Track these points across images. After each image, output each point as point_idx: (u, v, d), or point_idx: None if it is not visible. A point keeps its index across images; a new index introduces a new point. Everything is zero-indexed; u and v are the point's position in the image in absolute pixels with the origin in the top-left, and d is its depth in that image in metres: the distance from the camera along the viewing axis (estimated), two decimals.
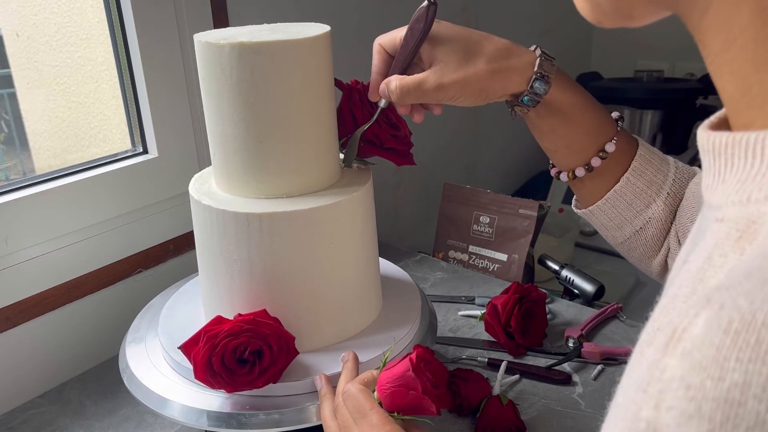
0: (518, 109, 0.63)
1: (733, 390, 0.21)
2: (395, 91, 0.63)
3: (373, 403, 0.57)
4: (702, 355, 0.22)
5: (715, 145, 0.30)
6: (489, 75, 0.60)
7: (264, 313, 0.65)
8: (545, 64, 0.60)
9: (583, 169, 0.65)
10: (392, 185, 1.46)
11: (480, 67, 0.60)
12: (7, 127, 0.93)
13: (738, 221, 0.27)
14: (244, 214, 0.64)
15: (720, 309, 0.23)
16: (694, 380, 0.22)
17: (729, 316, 0.22)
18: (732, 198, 0.28)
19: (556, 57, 0.63)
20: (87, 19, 0.94)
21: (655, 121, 1.65)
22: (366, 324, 0.73)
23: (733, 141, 0.29)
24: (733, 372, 0.21)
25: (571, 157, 0.65)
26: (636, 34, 1.95)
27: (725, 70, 0.29)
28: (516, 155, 1.91)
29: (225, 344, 0.61)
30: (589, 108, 0.64)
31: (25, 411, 0.85)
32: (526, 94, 0.61)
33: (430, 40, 0.62)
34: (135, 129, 0.98)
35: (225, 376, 0.61)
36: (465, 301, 1.05)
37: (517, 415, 0.77)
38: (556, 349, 0.93)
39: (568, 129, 0.64)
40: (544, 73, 0.60)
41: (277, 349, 0.62)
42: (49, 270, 0.88)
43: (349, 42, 1.26)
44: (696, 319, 0.24)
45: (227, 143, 0.66)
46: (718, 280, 0.26)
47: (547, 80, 0.60)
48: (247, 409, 0.63)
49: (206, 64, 0.64)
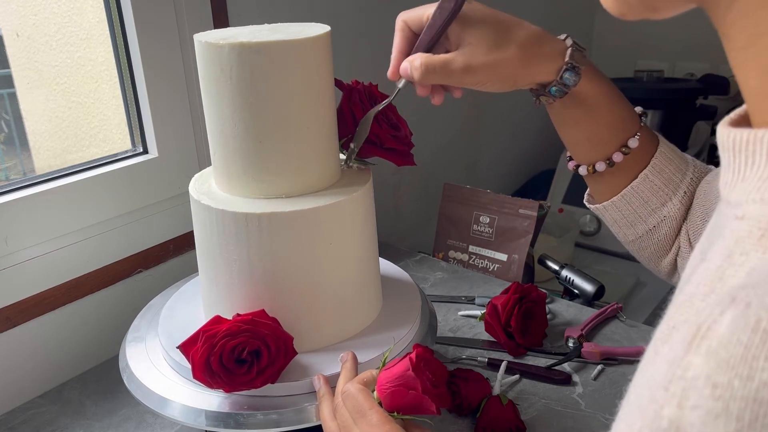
0: (544, 99, 0.61)
1: (762, 389, 0.21)
2: (419, 68, 0.59)
3: (372, 402, 0.57)
4: (729, 353, 0.22)
5: (735, 142, 0.29)
6: (519, 62, 0.58)
7: (262, 313, 0.65)
8: (576, 54, 0.58)
9: (604, 163, 0.63)
10: (392, 185, 1.46)
11: (511, 53, 0.57)
12: (7, 127, 0.93)
13: (760, 219, 0.27)
14: (243, 214, 0.64)
15: (746, 308, 0.23)
16: (721, 379, 0.22)
17: (757, 315, 0.22)
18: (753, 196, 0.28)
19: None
20: (87, 19, 0.94)
21: (655, 121, 1.65)
22: (366, 324, 0.73)
23: (754, 138, 0.28)
24: (762, 371, 0.21)
25: (593, 151, 0.64)
26: (636, 34, 1.95)
27: (750, 65, 0.29)
28: (516, 155, 1.90)
29: (223, 344, 0.61)
30: (615, 101, 0.62)
31: (25, 411, 0.85)
32: (554, 84, 0.59)
33: (459, 20, 0.58)
34: (135, 129, 0.98)
35: (223, 376, 0.61)
36: (465, 301, 1.05)
37: (517, 415, 0.77)
38: (556, 349, 0.93)
39: (592, 122, 0.62)
40: (575, 63, 0.58)
41: (275, 350, 0.62)
42: (49, 270, 0.88)
43: (349, 42, 1.26)
44: (721, 318, 0.23)
45: (227, 143, 0.66)
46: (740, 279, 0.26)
47: (577, 71, 0.58)
48: (245, 409, 0.63)
49: (206, 64, 0.64)
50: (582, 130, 0.63)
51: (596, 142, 0.63)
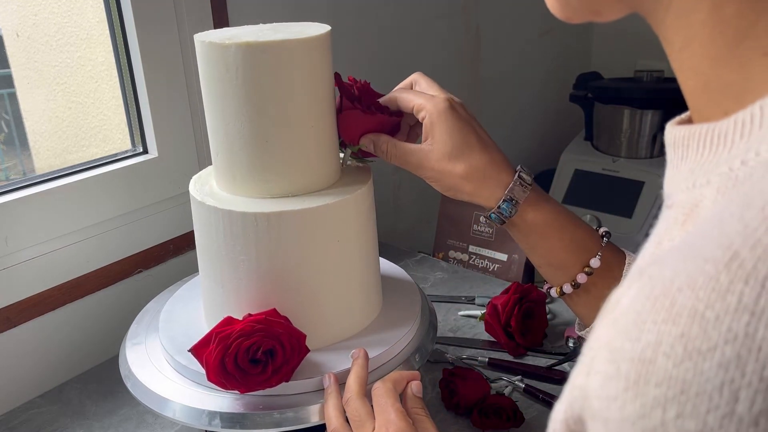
0: (487, 220, 0.66)
1: (646, 349, 0.22)
2: (383, 152, 0.68)
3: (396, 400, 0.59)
4: (626, 321, 0.24)
5: (675, 138, 0.31)
6: (463, 180, 0.64)
7: (274, 312, 0.65)
8: (517, 189, 0.63)
9: (570, 285, 0.65)
10: (392, 185, 1.46)
11: (458, 170, 0.63)
12: (7, 127, 0.93)
13: (684, 205, 0.28)
14: (252, 214, 0.64)
15: (649, 280, 0.24)
16: (616, 344, 0.23)
17: (652, 285, 0.23)
18: (681, 185, 0.30)
19: (555, 57, 0.64)
20: (87, 19, 0.94)
21: (655, 121, 1.65)
22: (367, 323, 0.73)
23: (689, 133, 0.30)
24: (648, 333, 0.22)
25: (557, 274, 0.65)
26: (636, 34, 1.95)
27: (686, 66, 0.30)
28: (516, 155, 1.90)
29: (238, 345, 0.60)
30: (566, 226, 0.64)
31: (25, 411, 0.85)
32: (493, 212, 0.64)
33: (438, 114, 0.63)
34: (135, 129, 0.98)
35: (238, 377, 0.61)
36: (465, 301, 1.05)
37: (515, 405, 0.77)
38: (556, 349, 0.93)
39: (547, 246, 0.65)
40: (513, 197, 0.63)
41: (290, 348, 0.62)
42: (49, 270, 0.88)
43: (348, 42, 1.26)
44: (628, 291, 0.25)
45: (231, 143, 0.66)
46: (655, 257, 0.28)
47: (515, 204, 0.63)
48: (255, 408, 0.63)
49: (210, 65, 0.64)
50: (540, 255, 0.66)
51: (557, 266, 0.65)
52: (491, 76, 1.68)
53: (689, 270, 0.22)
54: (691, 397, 0.21)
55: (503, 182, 0.63)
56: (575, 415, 0.26)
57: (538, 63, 1.85)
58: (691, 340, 0.21)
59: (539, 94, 1.91)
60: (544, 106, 1.94)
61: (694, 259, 0.22)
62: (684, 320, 0.21)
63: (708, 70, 0.29)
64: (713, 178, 0.27)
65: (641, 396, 0.22)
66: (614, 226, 1.61)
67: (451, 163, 0.63)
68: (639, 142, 1.67)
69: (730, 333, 0.20)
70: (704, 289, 0.21)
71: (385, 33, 1.35)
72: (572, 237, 0.64)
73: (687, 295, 0.22)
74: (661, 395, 0.21)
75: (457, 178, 0.64)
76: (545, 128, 1.97)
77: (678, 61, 0.31)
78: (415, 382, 0.62)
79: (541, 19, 1.78)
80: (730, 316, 0.20)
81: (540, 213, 0.64)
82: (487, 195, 0.64)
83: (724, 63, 0.28)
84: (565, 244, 0.64)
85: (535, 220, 0.64)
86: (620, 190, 1.64)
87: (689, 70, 0.30)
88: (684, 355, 0.21)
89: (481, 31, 1.60)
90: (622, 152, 1.69)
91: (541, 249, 0.65)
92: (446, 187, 0.65)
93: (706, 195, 0.27)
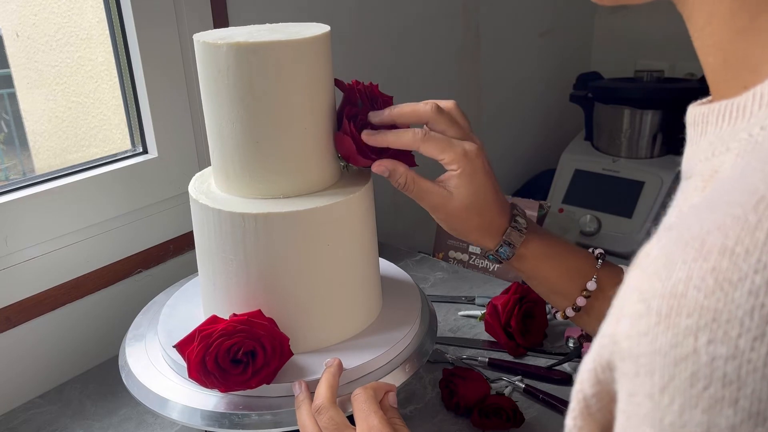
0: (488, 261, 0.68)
1: (677, 285, 0.23)
2: (401, 185, 0.70)
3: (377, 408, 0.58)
4: (655, 266, 0.24)
5: (695, 116, 0.32)
6: (472, 230, 0.67)
7: (258, 313, 0.65)
8: (514, 234, 0.66)
9: (571, 309, 0.67)
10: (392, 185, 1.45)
11: (472, 223, 0.66)
12: (7, 127, 0.93)
13: (703, 173, 0.29)
14: (240, 214, 0.64)
15: (677, 231, 0.25)
16: (645, 285, 0.24)
17: (680, 233, 0.24)
18: (700, 157, 0.30)
19: (555, 57, 0.64)
20: (87, 19, 0.94)
21: (655, 121, 1.65)
22: (365, 325, 0.73)
23: (709, 110, 0.31)
24: (679, 271, 0.23)
25: (559, 299, 0.68)
26: (636, 34, 1.95)
27: (708, 43, 0.31)
28: (516, 155, 1.90)
29: (219, 344, 0.61)
30: (560, 254, 0.67)
31: (25, 411, 0.85)
32: (491, 254, 0.68)
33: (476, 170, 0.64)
34: (135, 129, 0.98)
35: (218, 376, 0.61)
36: (465, 301, 1.05)
37: (515, 405, 0.77)
38: (556, 349, 0.93)
39: (544, 276, 0.68)
40: (511, 242, 0.66)
41: (271, 350, 0.62)
42: (49, 270, 0.88)
43: (349, 42, 1.26)
44: (658, 243, 0.26)
45: (225, 143, 0.66)
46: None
47: (512, 247, 0.66)
48: (240, 408, 0.63)
49: (205, 64, 0.64)
50: (539, 284, 0.69)
51: (558, 292, 0.68)
52: (491, 76, 1.68)
53: (716, 217, 0.23)
54: (722, 323, 0.21)
55: (502, 228, 0.66)
56: (604, 362, 0.26)
57: (538, 63, 1.85)
58: (721, 272, 0.22)
59: (539, 94, 1.91)
60: (544, 106, 1.94)
61: (720, 208, 0.23)
62: (714, 256, 0.22)
63: (728, 45, 0.30)
64: (732, 145, 0.28)
65: (673, 327, 0.22)
66: (614, 226, 1.61)
67: (468, 214, 0.65)
68: (639, 142, 1.67)
69: (759, 263, 0.21)
70: (733, 228, 0.22)
71: (386, 33, 1.35)
72: (567, 265, 0.67)
73: (716, 235, 0.23)
74: (693, 324, 0.22)
75: (467, 227, 0.66)
76: (545, 128, 1.97)
77: (700, 39, 0.32)
78: (391, 393, 0.62)
79: (541, 19, 1.78)
80: (759, 249, 0.21)
81: (534, 247, 0.67)
82: (488, 241, 0.67)
83: (744, 36, 0.29)
84: (561, 272, 0.67)
85: (529, 254, 0.67)
86: (620, 190, 1.64)
87: (711, 46, 0.31)
88: (715, 286, 0.22)
89: (481, 31, 1.60)
90: (622, 152, 1.69)
91: (539, 278, 0.68)
92: (452, 229, 0.67)
93: (725, 161, 0.28)
